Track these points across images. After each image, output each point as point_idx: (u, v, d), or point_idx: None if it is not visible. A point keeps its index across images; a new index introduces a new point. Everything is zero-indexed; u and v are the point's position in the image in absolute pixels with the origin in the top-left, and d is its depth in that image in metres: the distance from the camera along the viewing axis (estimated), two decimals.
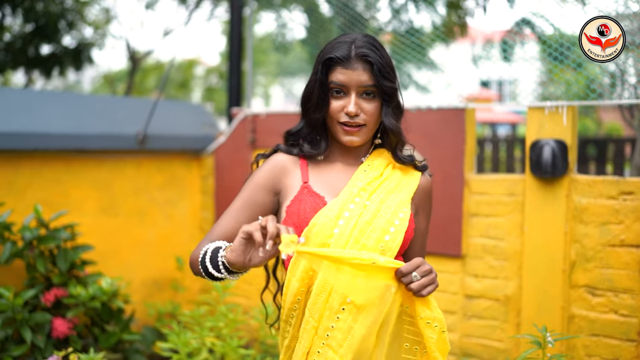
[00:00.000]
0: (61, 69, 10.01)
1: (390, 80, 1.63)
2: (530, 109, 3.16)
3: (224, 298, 2.93)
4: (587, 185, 3.02)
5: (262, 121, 4.06)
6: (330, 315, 1.52)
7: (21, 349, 2.93)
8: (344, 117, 1.62)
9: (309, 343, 1.54)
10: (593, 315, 3.01)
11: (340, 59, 1.61)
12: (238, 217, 1.66)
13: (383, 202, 1.61)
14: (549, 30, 4.99)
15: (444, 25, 5.55)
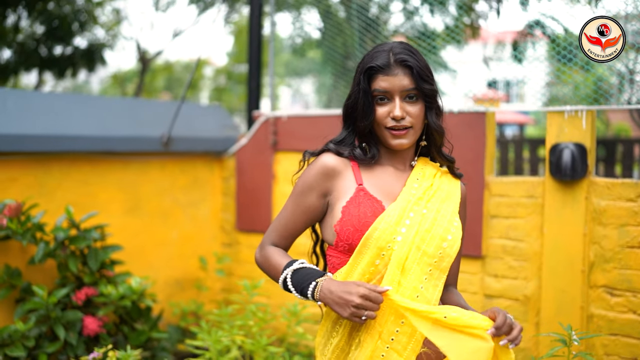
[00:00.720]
0: (74, 70, 10.13)
1: (429, 82, 1.70)
2: (550, 113, 3.22)
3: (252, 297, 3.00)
4: (606, 188, 3.09)
5: (284, 124, 4.14)
6: (396, 320, 1.59)
7: (55, 346, 3.02)
8: (391, 122, 1.68)
9: (373, 346, 1.61)
10: (612, 315, 3.07)
11: (380, 66, 1.68)
12: (294, 219, 1.79)
13: (439, 211, 1.69)
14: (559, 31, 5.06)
15: (456, 27, 5.60)
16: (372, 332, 1.61)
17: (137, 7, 22.23)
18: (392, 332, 1.59)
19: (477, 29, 6.31)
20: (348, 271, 1.67)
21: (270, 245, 1.83)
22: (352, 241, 1.66)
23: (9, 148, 3.19)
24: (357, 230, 1.64)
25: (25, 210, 3.06)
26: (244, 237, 4.38)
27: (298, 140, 4.10)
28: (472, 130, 3.44)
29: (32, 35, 9.34)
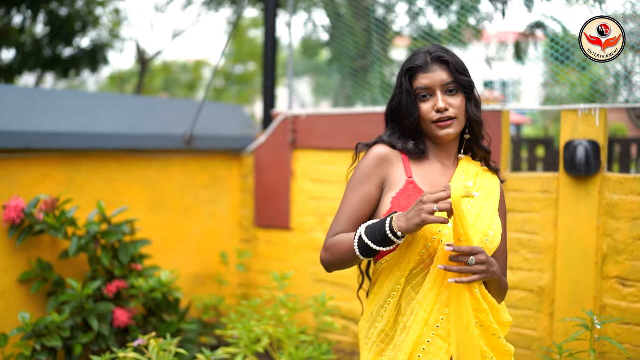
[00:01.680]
0: (77, 70, 10.22)
1: (465, 75, 1.83)
2: (564, 112, 3.35)
3: (283, 288, 3.12)
4: (619, 183, 3.22)
5: (303, 122, 4.25)
6: (441, 309, 1.70)
7: (88, 337, 3.12)
8: (436, 115, 1.79)
9: (419, 332, 1.71)
10: (624, 304, 3.20)
11: (420, 66, 1.81)
12: (356, 211, 1.82)
13: (482, 208, 1.80)
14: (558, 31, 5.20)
15: (458, 26, 5.72)
16: (418, 319, 1.71)
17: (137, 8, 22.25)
18: (438, 319, 1.71)
19: (480, 30, 6.44)
20: (394, 259, 1.77)
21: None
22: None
23: (42, 145, 3.28)
24: None
25: (59, 205, 3.16)
26: (262, 233, 4.49)
27: (316, 138, 4.21)
28: (489, 128, 3.53)
29: (36, 36, 9.42)
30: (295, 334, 2.86)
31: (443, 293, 1.70)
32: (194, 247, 4.22)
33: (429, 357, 1.71)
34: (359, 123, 4.05)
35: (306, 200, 4.28)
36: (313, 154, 4.24)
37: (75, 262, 3.46)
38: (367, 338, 1.87)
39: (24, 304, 3.26)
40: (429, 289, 1.71)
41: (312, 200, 4.27)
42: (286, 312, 2.99)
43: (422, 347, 1.72)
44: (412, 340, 1.72)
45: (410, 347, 1.72)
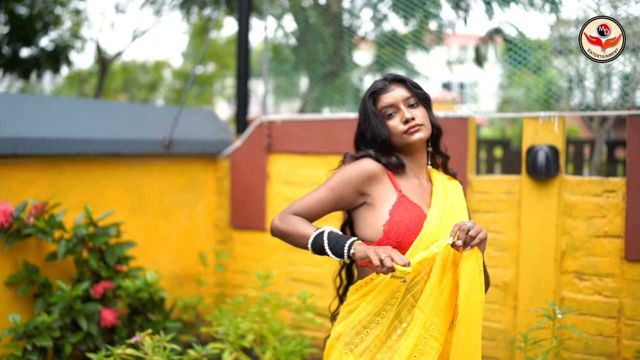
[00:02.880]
0: (39, 71, 10.14)
1: (421, 89, 2.06)
2: (526, 118, 3.61)
3: (264, 286, 3.28)
4: (576, 185, 3.49)
5: (278, 127, 4.42)
6: (437, 312, 1.88)
7: (77, 337, 3.23)
8: (405, 126, 1.99)
9: (418, 335, 1.87)
10: (580, 297, 3.47)
11: (381, 88, 2.04)
12: (323, 203, 1.99)
13: (461, 218, 2.01)
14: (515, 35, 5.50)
15: (417, 31, 5.94)
16: (419, 323, 1.87)
17: (97, 8, 21.98)
18: (433, 322, 1.88)
19: (442, 36, 6.71)
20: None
21: (293, 215, 2.01)
22: (402, 239, 1.92)
23: (29, 150, 3.37)
24: (409, 230, 1.91)
25: (47, 209, 3.26)
26: (238, 234, 4.64)
27: (291, 143, 4.39)
28: (456, 133, 3.80)
29: None
30: (279, 329, 3.03)
31: (439, 298, 1.88)
32: (173, 248, 4.35)
33: (424, 356, 1.88)
34: (332, 128, 4.25)
35: (281, 202, 4.45)
36: (288, 158, 4.42)
37: (60, 264, 3.55)
38: (352, 344, 1.96)
39: (11, 306, 3.34)
40: (429, 294, 1.88)
41: (287, 202, 4.43)
42: (270, 308, 3.16)
43: (418, 348, 1.88)
44: (412, 343, 1.87)
45: (410, 349, 1.87)
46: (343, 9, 6.76)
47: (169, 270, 4.28)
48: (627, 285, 3.36)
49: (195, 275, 4.48)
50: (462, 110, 6.77)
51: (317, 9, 6.50)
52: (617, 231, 3.38)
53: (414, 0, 5.36)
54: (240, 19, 5.03)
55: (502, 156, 10.73)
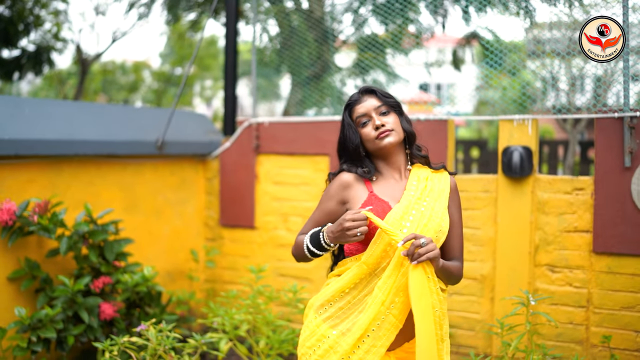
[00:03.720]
0: (21, 73, 10.20)
1: (392, 99, 2.25)
2: (502, 121, 3.85)
3: (258, 280, 3.47)
4: (548, 183, 3.74)
5: (266, 129, 4.61)
6: (397, 292, 2.06)
7: (79, 329, 3.39)
8: (376, 132, 2.18)
9: (376, 311, 2.06)
10: (553, 288, 3.72)
11: (355, 100, 2.25)
12: (318, 222, 2.25)
13: (433, 209, 2.16)
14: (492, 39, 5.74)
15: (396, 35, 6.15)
16: (377, 301, 2.06)
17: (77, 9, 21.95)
18: (394, 301, 2.06)
19: (420, 39, 6.95)
20: (364, 257, 2.12)
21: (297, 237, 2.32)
22: (368, 233, 2.11)
23: (28, 152, 3.51)
24: (371, 224, 2.09)
25: (50, 208, 3.41)
26: (227, 231, 4.82)
27: (279, 144, 4.58)
28: (436, 135, 4.02)
29: None
30: (272, 320, 3.22)
31: (400, 280, 2.07)
32: (165, 245, 4.51)
33: (382, 331, 2.07)
34: (319, 130, 4.45)
35: (269, 201, 4.64)
36: (276, 159, 4.61)
37: (60, 260, 3.70)
38: (319, 312, 2.19)
39: (14, 301, 3.48)
40: (388, 275, 2.07)
41: (275, 201, 4.63)
42: (263, 300, 3.35)
43: (376, 323, 2.07)
44: (369, 318, 2.06)
45: (367, 323, 2.07)
46: (325, 13, 6.97)
47: (161, 266, 4.45)
48: (595, 277, 3.61)
49: (186, 271, 4.65)
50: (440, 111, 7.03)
51: (300, 14, 6.70)
52: (586, 226, 3.63)
53: (394, 5, 5.58)
54: (228, 24, 5.20)
55: (479, 156, 11.02)
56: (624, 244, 3.52)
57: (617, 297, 3.57)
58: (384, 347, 2.06)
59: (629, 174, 3.49)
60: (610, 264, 3.57)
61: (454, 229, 2.25)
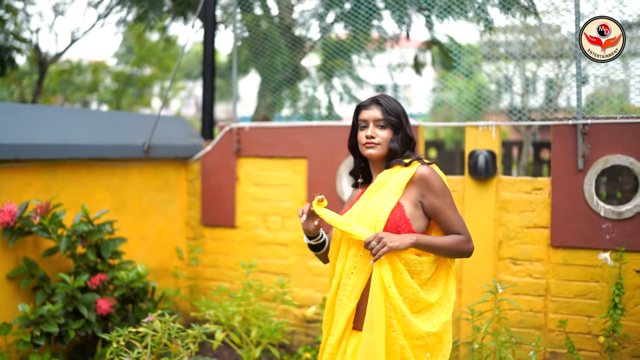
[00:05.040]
0: None
1: (394, 117, 2.44)
2: (468, 127, 4.20)
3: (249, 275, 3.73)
4: (510, 184, 4.11)
5: (246, 133, 4.86)
6: (346, 275, 2.34)
7: (78, 324, 3.59)
8: (365, 140, 2.46)
9: (334, 293, 2.37)
10: (515, 279, 4.09)
11: (364, 105, 2.51)
12: None
13: (375, 202, 2.38)
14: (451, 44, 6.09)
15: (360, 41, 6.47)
16: (339, 267, 2.35)
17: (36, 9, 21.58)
18: (346, 284, 2.32)
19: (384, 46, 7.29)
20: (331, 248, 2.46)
21: None
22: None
23: (27, 156, 3.69)
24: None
25: (51, 209, 3.60)
26: (209, 231, 5.06)
27: (259, 147, 4.84)
28: None
29: None
30: (263, 311, 3.49)
31: (347, 266, 2.33)
32: (150, 244, 4.72)
33: (340, 311, 2.33)
34: (297, 134, 4.73)
35: (250, 201, 4.90)
36: (256, 161, 4.87)
37: (56, 259, 3.88)
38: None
39: (13, 298, 3.66)
40: (339, 261, 2.38)
41: (255, 202, 4.89)
42: (253, 293, 3.61)
43: (337, 304, 2.35)
44: (331, 296, 2.37)
45: (330, 303, 2.38)
46: (295, 20, 7.25)
47: (147, 264, 4.64)
48: (553, 268, 4.00)
49: (170, 269, 4.86)
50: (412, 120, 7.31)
51: (270, 20, 6.96)
52: (544, 223, 4.02)
53: (359, 13, 5.89)
54: (206, 31, 5.43)
55: (437, 157, 11.43)
56: (577, 238, 3.91)
57: (572, 286, 3.96)
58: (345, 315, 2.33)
59: (582, 176, 3.88)
60: (566, 257, 3.96)
61: (438, 215, 2.36)
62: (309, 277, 4.70)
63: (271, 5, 7.39)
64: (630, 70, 5.15)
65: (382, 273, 2.25)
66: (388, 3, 6.45)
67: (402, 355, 2.24)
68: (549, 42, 7.26)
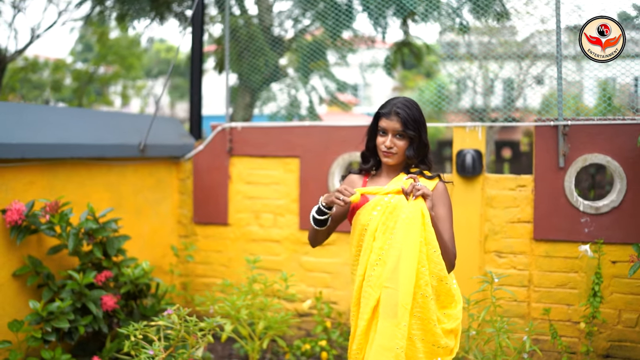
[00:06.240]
0: None
1: (412, 129, 2.61)
2: (455, 128, 4.43)
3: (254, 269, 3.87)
4: (495, 181, 4.36)
5: (239, 133, 4.99)
6: (370, 266, 2.52)
7: (87, 320, 3.66)
8: (384, 148, 2.65)
9: (360, 285, 2.54)
10: (500, 271, 4.34)
11: (384, 113, 2.67)
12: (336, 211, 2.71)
13: (399, 201, 2.57)
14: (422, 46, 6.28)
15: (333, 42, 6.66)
16: (363, 260, 2.53)
17: None
18: (370, 275, 2.51)
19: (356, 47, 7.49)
20: (351, 236, 2.64)
21: None
22: (351, 220, 2.65)
23: (33, 155, 3.74)
24: (353, 211, 2.64)
25: (59, 208, 3.66)
26: (200, 228, 5.16)
27: (251, 147, 4.98)
28: None
29: None
30: (269, 304, 3.63)
31: (372, 258, 2.51)
32: (145, 242, 4.80)
33: (379, 268, 2.50)
34: (289, 134, 4.88)
35: (242, 199, 5.03)
36: (248, 160, 5.00)
37: (58, 257, 3.94)
38: (353, 274, 2.68)
39: (20, 295, 3.71)
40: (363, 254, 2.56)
41: (247, 200, 5.02)
42: (260, 287, 3.76)
43: (376, 263, 2.52)
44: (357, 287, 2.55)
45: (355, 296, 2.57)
46: (273, 21, 7.39)
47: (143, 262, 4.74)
48: (535, 260, 4.26)
49: (163, 266, 4.95)
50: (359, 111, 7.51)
51: (246, 18, 7.07)
52: (527, 217, 4.28)
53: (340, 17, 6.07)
54: (194, 32, 5.52)
55: None
56: (558, 232, 4.18)
57: (553, 277, 4.24)
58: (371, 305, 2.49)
59: (563, 173, 4.15)
60: (548, 249, 4.23)
61: (441, 223, 2.64)
62: (301, 272, 4.86)
63: (249, 6, 7.52)
64: (585, 72, 5.49)
65: (422, 208, 2.42)
66: (367, 7, 6.65)
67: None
68: (510, 44, 7.59)
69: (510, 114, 7.62)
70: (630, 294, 4.08)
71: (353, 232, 2.63)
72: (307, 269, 4.87)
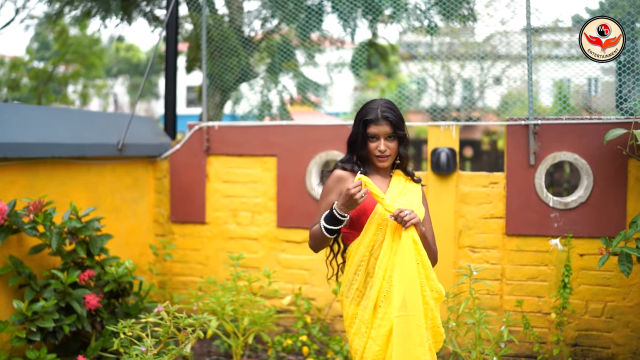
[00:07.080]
0: None
1: (401, 129, 2.74)
2: (430, 126, 4.56)
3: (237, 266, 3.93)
4: (469, 179, 4.51)
5: (216, 132, 5.03)
6: (392, 268, 2.59)
7: (71, 319, 3.66)
8: (378, 153, 2.74)
9: (380, 286, 2.60)
10: (473, 265, 4.47)
11: (372, 119, 2.75)
12: (323, 210, 2.72)
13: (411, 201, 2.73)
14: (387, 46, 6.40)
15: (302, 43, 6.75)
16: (379, 277, 2.62)
17: None
18: (391, 275, 2.64)
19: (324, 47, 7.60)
20: (360, 240, 2.67)
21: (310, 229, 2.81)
22: (360, 220, 2.67)
23: (15, 154, 3.72)
24: (362, 213, 2.65)
25: (42, 207, 3.65)
26: (177, 227, 5.18)
27: (228, 146, 5.02)
28: None
29: None
30: (253, 300, 3.70)
31: (392, 259, 2.65)
32: (123, 241, 4.80)
33: (388, 301, 2.65)
34: (267, 133, 4.95)
35: (219, 198, 5.07)
36: (226, 159, 5.05)
37: (39, 257, 3.93)
38: (347, 296, 2.74)
39: (0, 296, 3.69)
40: (383, 255, 2.64)
41: (224, 198, 5.07)
42: (244, 283, 3.81)
43: (383, 295, 2.64)
44: (376, 291, 2.62)
45: (376, 296, 2.62)
46: (243, 21, 7.42)
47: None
48: (507, 254, 4.43)
49: (141, 265, 4.96)
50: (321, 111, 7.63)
51: (216, 17, 7.10)
52: (499, 213, 4.44)
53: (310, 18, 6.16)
54: (168, 32, 5.54)
55: None
56: (529, 227, 4.36)
57: (524, 270, 4.41)
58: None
59: (533, 171, 4.33)
60: (519, 244, 4.40)
61: (425, 225, 2.78)
62: (279, 269, 4.93)
63: (219, 7, 7.53)
64: (540, 73, 5.71)
65: (413, 235, 2.54)
66: (337, 9, 6.75)
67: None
68: (471, 45, 7.79)
69: (471, 113, 7.77)
70: (596, 285, 4.28)
71: (367, 229, 2.64)
72: (285, 266, 4.94)
